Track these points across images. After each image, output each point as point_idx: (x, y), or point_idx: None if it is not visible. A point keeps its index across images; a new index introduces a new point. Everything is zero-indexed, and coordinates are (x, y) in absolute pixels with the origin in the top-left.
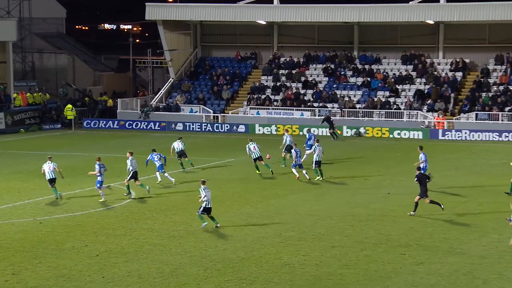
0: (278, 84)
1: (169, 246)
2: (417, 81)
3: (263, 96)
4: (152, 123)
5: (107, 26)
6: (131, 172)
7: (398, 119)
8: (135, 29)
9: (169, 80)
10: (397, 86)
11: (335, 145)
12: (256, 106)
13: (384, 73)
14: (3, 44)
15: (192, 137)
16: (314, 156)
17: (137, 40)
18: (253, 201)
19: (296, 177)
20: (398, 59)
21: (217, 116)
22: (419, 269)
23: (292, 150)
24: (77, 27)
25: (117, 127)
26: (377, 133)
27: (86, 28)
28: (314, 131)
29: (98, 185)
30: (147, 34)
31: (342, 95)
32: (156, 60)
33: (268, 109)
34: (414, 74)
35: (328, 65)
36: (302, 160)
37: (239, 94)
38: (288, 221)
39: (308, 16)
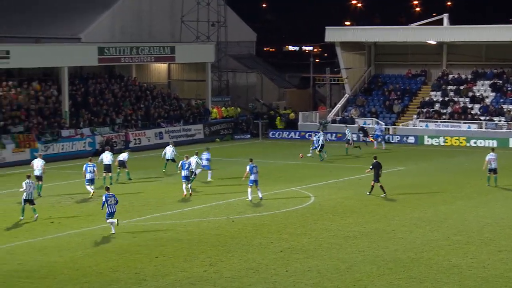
0: (446, 99)
1: (345, 245)
2: None
3: (431, 110)
4: (329, 134)
5: (291, 48)
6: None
7: None
8: (315, 50)
9: (345, 96)
10: None
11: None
12: (425, 119)
13: None
14: (203, 65)
15: (365, 147)
16: None
17: (317, 60)
18: (422, 207)
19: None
20: None
21: (389, 128)
22: None
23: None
24: (265, 49)
25: (298, 137)
26: None
27: (273, 49)
28: None
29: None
30: (326, 54)
31: (508, 109)
32: (333, 77)
33: (437, 121)
34: None
35: (496, 81)
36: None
37: (409, 108)
38: (455, 225)
39: (476, 36)
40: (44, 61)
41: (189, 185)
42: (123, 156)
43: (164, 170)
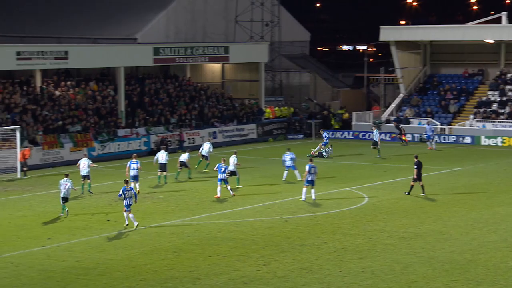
0: (504, 98)
1: (399, 246)
2: None
3: (489, 110)
4: (383, 134)
5: (344, 47)
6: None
7: None
8: (369, 49)
9: (400, 95)
10: None
11: None
12: (482, 119)
13: None
14: (256, 65)
15: (419, 148)
16: None
17: (371, 60)
18: (479, 208)
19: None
20: None
21: (444, 128)
22: None
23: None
24: (318, 48)
25: (352, 137)
26: None
27: (327, 49)
28: None
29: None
30: (380, 54)
31: None
32: (388, 77)
33: (494, 122)
34: None
35: None
36: None
37: (465, 108)
38: None
39: None
40: (101, 61)
41: (229, 187)
42: (184, 157)
43: (196, 167)
